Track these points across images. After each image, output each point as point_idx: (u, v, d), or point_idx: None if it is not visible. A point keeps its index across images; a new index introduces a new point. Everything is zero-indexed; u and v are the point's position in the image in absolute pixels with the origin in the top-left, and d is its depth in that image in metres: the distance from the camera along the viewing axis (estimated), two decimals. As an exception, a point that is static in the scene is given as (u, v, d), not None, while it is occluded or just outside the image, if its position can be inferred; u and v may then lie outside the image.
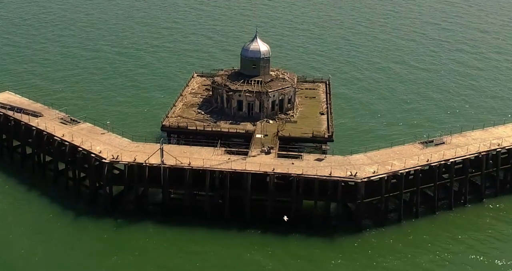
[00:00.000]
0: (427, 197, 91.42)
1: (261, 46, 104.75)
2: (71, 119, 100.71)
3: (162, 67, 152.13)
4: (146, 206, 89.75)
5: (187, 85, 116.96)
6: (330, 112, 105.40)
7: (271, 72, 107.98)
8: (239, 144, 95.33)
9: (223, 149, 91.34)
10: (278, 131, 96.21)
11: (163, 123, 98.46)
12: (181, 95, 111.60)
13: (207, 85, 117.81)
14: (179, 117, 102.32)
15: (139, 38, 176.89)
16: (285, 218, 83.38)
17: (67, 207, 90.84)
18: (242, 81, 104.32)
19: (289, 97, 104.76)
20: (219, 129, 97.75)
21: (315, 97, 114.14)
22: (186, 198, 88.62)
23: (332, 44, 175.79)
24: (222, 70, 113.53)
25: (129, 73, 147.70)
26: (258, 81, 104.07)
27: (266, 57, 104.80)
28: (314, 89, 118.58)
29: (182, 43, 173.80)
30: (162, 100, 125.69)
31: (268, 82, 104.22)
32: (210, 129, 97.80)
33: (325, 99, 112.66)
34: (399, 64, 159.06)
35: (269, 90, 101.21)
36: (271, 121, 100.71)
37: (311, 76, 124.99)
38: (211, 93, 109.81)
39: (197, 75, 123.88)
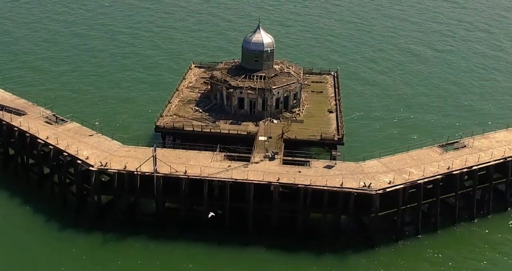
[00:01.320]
0: (447, 206, 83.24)
1: (265, 37, 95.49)
2: (56, 118, 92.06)
3: (158, 58, 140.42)
4: (137, 216, 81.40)
5: (184, 78, 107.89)
6: (340, 110, 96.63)
7: (275, 66, 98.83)
8: (240, 148, 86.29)
9: (223, 154, 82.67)
10: (283, 133, 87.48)
11: (157, 124, 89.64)
12: (177, 90, 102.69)
13: (205, 78, 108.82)
14: (174, 116, 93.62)
15: (132, 28, 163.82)
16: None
17: (51, 216, 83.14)
18: (243, 76, 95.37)
19: (295, 94, 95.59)
20: (218, 130, 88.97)
21: (322, 91, 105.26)
22: (182, 208, 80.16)
23: (339, 33, 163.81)
24: (221, 63, 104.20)
25: (121, 66, 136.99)
26: (261, 76, 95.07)
27: (270, 50, 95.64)
28: (321, 82, 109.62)
29: (179, 32, 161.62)
30: (156, 96, 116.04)
31: (272, 77, 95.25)
32: (209, 130, 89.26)
33: (333, 94, 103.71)
34: (413, 56, 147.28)
35: (273, 87, 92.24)
36: (275, 121, 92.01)
37: (317, 68, 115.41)
38: (209, 87, 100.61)
39: (195, 66, 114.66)
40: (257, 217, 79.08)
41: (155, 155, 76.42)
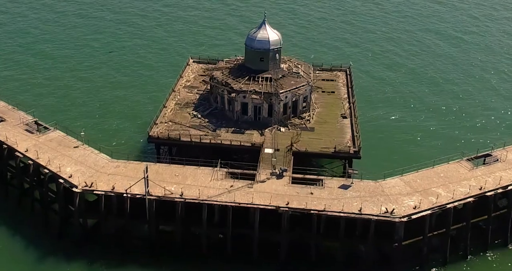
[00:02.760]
0: (478, 230, 73.44)
1: (271, 34, 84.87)
2: (38, 126, 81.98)
3: (153, 54, 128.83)
4: (127, 241, 71.83)
5: (180, 77, 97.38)
6: (354, 114, 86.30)
7: (282, 65, 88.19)
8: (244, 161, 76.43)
9: (224, 170, 72.75)
10: (291, 144, 77.42)
11: (150, 134, 79.47)
12: (173, 90, 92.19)
13: (204, 75, 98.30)
14: (170, 123, 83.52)
15: (125, 19, 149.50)
16: None
17: (31, 240, 74.16)
18: (247, 78, 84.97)
19: (305, 98, 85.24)
20: (219, 141, 78.81)
21: (334, 92, 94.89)
22: (178, 232, 70.51)
23: (352, 24, 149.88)
24: (222, 61, 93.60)
25: (112, 64, 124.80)
26: (266, 78, 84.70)
27: (276, 48, 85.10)
28: (332, 80, 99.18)
29: (178, 24, 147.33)
30: (151, 98, 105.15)
31: (279, 79, 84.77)
32: (208, 141, 79.03)
33: (346, 95, 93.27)
34: (435, 52, 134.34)
35: (281, 91, 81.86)
36: (282, 129, 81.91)
37: (328, 63, 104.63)
38: (209, 87, 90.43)
39: (194, 62, 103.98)
40: (263, 243, 69.39)
41: (147, 176, 66.40)
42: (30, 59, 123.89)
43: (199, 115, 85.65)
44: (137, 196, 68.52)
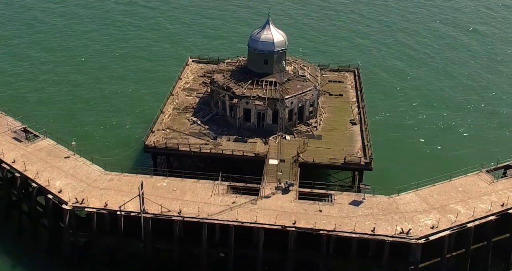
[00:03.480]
0: (500, 248, 68.15)
1: (275, 35, 79.21)
2: (27, 133, 76.62)
3: (150, 56, 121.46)
4: (121, 259, 66.78)
5: (179, 78, 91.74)
6: (364, 121, 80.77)
7: (287, 67, 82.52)
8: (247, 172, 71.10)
9: (226, 183, 67.44)
10: (298, 154, 71.96)
11: (146, 143, 74.03)
12: (171, 94, 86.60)
13: (204, 76, 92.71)
14: (168, 130, 77.99)
15: (122, 19, 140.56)
16: None
17: (18, 258, 68.43)
18: (249, 82, 79.33)
19: (311, 103, 79.69)
20: (220, 151, 73.34)
21: (342, 94, 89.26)
22: (175, 251, 65.35)
23: (359, 22, 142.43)
24: (223, 62, 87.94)
25: (105, 64, 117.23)
26: (271, 82, 79.09)
27: (281, 50, 79.50)
28: (340, 81, 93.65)
29: (177, 23, 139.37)
30: (148, 101, 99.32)
31: (284, 83, 79.14)
32: (209, 151, 73.61)
33: (355, 98, 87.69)
34: (449, 50, 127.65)
35: (286, 97, 76.22)
36: (288, 137, 76.44)
37: (334, 63, 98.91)
38: (209, 90, 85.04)
39: (193, 61, 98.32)
40: (268, 263, 64.26)
41: (142, 193, 61.09)
42: (17, 61, 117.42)
43: (199, 122, 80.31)
44: (132, 214, 63.13)
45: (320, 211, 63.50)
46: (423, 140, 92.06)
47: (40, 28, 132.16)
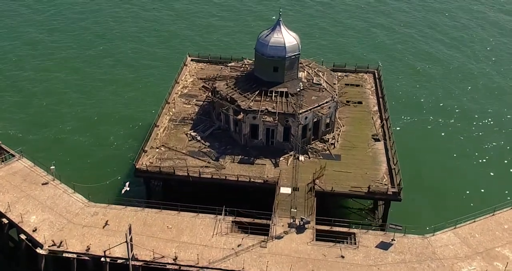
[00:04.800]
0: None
1: (287, 37, 67.98)
2: (1, 152, 66.18)
3: (142, 55, 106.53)
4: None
5: (176, 82, 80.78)
6: (389, 135, 69.97)
7: (300, 73, 71.46)
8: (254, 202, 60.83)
9: (230, 218, 57.14)
10: (314, 181, 61.43)
11: (137, 167, 63.43)
12: (167, 102, 75.71)
13: (205, 79, 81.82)
14: (163, 148, 67.32)
15: (111, 20, 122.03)
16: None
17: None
18: (257, 92, 68.31)
19: (329, 117, 68.86)
20: (223, 177, 62.81)
21: (361, 102, 78.24)
22: (172, 299, 55.22)
23: (375, 20, 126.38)
24: (227, 66, 76.82)
25: (93, 68, 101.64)
26: (281, 93, 68.12)
27: (294, 55, 68.41)
28: (358, 85, 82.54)
29: (174, 22, 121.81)
30: (139, 113, 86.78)
31: (296, 94, 68.13)
32: (210, 176, 63.09)
33: (376, 107, 76.83)
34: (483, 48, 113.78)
35: (300, 112, 65.24)
36: (301, 158, 65.73)
37: (351, 63, 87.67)
38: (210, 95, 74.39)
39: (192, 60, 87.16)
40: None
41: (130, 240, 50.79)
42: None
43: (199, 137, 69.74)
44: (119, 261, 52.92)
45: (342, 257, 53.21)
46: (458, 162, 79.65)
47: (15, 35, 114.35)
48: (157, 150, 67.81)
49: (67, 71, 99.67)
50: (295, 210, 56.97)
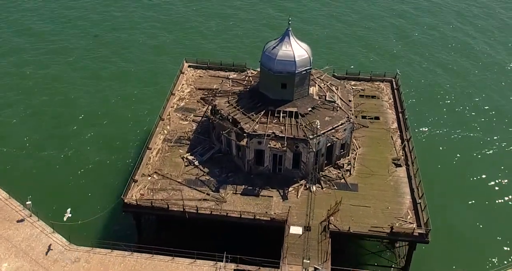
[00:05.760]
0: None
1: (297, 50, 59.43)
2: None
3: (136, 70, 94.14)
4: None
5: (172, 94, 72.28)
6: (412, 160, 61.67)
7: (311, 88, 62.93)
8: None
9: (232, 266, 49.33)
10: (328, 219, 53.29)
11: (125, 201, 55.28)
12: (161, 119, 67.30)
13: (204, 89, 73.47)
14: (155, 175, 59.14)
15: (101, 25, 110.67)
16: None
17: None
18: (263, 112, 59.80)
19: (344, 141, 60.47)
20: (224, 213, 54.63)
21: (379, 117, 69.73)
22: None
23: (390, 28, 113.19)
24: (228, 79, 68.23)
25: (77, 79, 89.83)
26: (290, 113, 59.66)
27: (305, 70, 59.80)
28: (374, 97, 74.01)
29: (170, 30, 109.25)
30: (130, 133, 77.36)
31: (308, 114, 59.67)
32: (209, 212, 54.94)
33: (395, 123, 68.42)
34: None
35: (312, 137, 56.81)
36: (313, 188, 57.33)
37: (366, 70, 79.09)
38: (209, 112, 66.39)
39: (189, 67, 78.60)
40: None
41: (114, 303, 42.71)
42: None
43: (196, 162, 61.45)
44: None
45: (364, 318, 45.11)
46: (497, 188, 70.69)
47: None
48: (149, 178, 59.67)
49: (45, 93, 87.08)
50: (308, 261, 48.86)
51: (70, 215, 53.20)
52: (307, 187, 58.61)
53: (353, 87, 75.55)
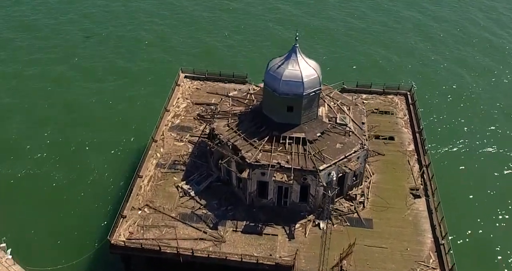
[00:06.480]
0: None
1: (305, 70, 52.81)
2: None
3: (129, 83, 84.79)
4: None
5: (166, 110, 65.68)
6: (432, 190, 55.24)
7: (320, 108, 56.30)
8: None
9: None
10: (341, 264, 47.02)
11: (112, 242, 48.85)
12: (154, 140, 60.76)
13: (201, 104, 66.99)
14: (146, 210, 52.77)
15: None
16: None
17: None
18: (266, 138, 53.20)
19: (358, 171, 53.95)
20: (222, 256, 48.29)
21: (393, 138, 63.06)
22: None
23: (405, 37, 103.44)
24: (227, 97, 61.55)
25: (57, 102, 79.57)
26: (297, 139, 53.08)
27: (313, 91, 53.12)
28: (387, 113, 67.36)
29: (171, 34, 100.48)
30: (120, 158, 69.79)
31: (317, 139, 53.09)
32: (206, 255, 48.51)
33: (412, 144, 61.99)
34: None
35: (321, 168, 50.33)
36: (322, 224, 51.21)
37: (378, 82, 72.32)
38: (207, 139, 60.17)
39: (185, 78, 71.99)
40: None
41: None
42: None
43: (192, 192, 55.16)
44: None
45: None
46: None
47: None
48: (139, 211, 53.43)
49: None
50: (320, 321, 42.54)
51: (10, 257, 46.66)
52: (316, 223, 52.18)
53: (365, 101, 69.06)
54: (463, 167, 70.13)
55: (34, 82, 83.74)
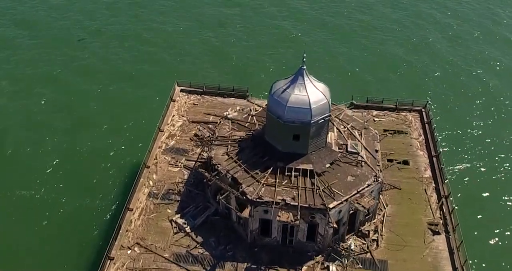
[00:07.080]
0: None
1: (313, 94, 47.26)
2: None
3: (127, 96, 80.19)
4: None
5: (160, 130, 60.16)
6: (453, 226, 49.99)
7: (329, 133, 50.74)
8: None
9: None
10: (353, 317, 41.86)
11: (96, 291, 43.63)
12: (146, 166, 55.28)
13: (199, 122, 61.54)
14: (137, 249, 47.61)
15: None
16: None
17: None
18: (270, 169, 47.66)
19: (370, 208, 48.49)
20: (221, 307, 43.07)
21: (408, 162, 57.48)
22: None
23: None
24: (226, 118, 55.95)
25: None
26: (304, 171, 47.57)
27: (322, 118, 47.43)
28: (401, 132, 61.79)
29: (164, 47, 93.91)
30: (108, 190, 64.67)
31: (326, 171, 47.58)
32: (202, 307, 43.30)
33: (429, 170, 56.43)
34: None
35: (331, 206, 44.88)
36: (332, 267, 45.64)
37: (389, 97, 66.68)
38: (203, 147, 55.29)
39: (181, 91, 66.48)
40: None
41: None
42: None
43: (188, 228, 49.83)
44: None
45: None
46: None
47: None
48: (129, 251, 48.12)
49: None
50: None
51: None
52: (325, 265, 46.83)
53: (376, 119, 63.52)
54: (487, 194, 64.30)
55: (32, 83, 79.96)
